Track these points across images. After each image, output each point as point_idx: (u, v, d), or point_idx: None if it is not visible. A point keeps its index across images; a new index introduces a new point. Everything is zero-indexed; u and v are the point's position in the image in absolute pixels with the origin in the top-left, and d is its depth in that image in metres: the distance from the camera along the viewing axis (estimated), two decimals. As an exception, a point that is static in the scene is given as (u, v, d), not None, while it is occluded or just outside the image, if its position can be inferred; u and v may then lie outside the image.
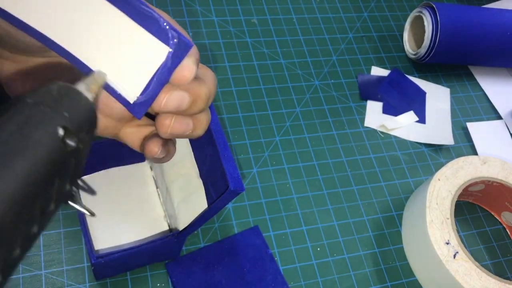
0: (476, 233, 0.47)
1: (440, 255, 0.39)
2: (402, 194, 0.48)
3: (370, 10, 0.61)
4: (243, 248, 0.41)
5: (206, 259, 0.40)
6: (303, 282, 0.41)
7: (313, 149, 0.48)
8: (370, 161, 0.49)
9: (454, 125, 0.54)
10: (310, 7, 0.58)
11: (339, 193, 0.46)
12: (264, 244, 0.41)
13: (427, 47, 0.54)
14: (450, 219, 0.41)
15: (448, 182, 0.43)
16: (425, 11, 0.54)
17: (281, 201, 0.44)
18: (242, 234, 0.41)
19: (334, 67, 0.54)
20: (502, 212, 0.48)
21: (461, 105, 0.56)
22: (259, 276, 0.40)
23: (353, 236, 0.44)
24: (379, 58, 0.57)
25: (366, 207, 0.46)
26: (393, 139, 0.51)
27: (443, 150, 0.52)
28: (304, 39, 0.55)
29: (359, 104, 0.52)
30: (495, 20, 0.54)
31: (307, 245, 0.43)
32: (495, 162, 0.45)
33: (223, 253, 0.40)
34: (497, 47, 0.54)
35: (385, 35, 0.59)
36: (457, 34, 0.53)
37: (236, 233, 0.41)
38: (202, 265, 0.39)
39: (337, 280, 0.42)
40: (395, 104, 0.53)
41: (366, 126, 0.51)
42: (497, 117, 0.56)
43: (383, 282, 0.42)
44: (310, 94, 0.52)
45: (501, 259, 0.46)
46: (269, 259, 0.41)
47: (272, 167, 0.46)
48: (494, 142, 0.53)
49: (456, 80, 0.58)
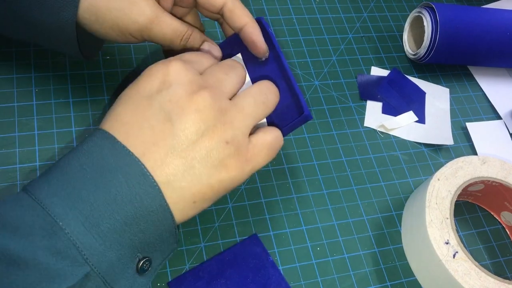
0: (476, 233, 0.47)
1: (439, 255, 0.40)
2: (402, 194, 0.48)
3: (370, 10, 0.61)
4: (244, 258, 0.41)
5: (208, 273, 0.39)
6: (303, 282, 0.41)
7: (313, 149, 0.48)
8: (369, 161, 0.49)
9: (453, 125, 0.54)
10: (310, 8, 0.58)
11: (339, 193, 0.46)
12: (265, 251, 0.41)
13: (427, 47, 0.54)
14: (450, 219, 0.41)
15: (447, 182, 0.43)
16: (424, 11, 0.54)
17: (281, 201, 0.44)
18: (242, 244, 0.41)
19: (334, 67, 0.54)
20: (502, 212, 0.48)
21: (461, 105, 0.56)
22: (263, 284, 0.40)
23: (353, 236, 0.44)
24: (379, 58, 0.57)
25: (366, 207, 0.46)
26: (393, 139, 0.51)
27: (443, 150, 0.52)
28: (304, 39, 0.56)
29: (358, 104, 0.53)
30: (495, 20, 0.54)
31: (307, 245, 0.43)
32: (495, 162, 0.46)
33: (225, 266, 0.40)
34: (496, 47, 0.54)
35: (385, 36, 0.59)
36: (456, 34, 0.53)
37: (236, 244, 0.41)
38: (205, 280, 0.39)
39: (337, 279, 0.42)
40: (394, 104, 0.53)
41: (365, 126, 0.51)
42: (496, 117, 0.56)
43: (383, 282, 0.43)
44: (310, 94, 0.52)
45: (501, 258, 0.46)
46: (271, 265, 0.41)
47: (272, 167, 0.46)
48: (494, 142, 0.54)
49: (456, 80, 0.58)
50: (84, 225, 0.28)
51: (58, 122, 0.43)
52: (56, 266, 0.26)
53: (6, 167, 0.40)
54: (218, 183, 0.32)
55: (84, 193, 0.28)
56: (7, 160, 0.41)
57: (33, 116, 0.43)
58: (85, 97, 0.45)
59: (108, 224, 0.28)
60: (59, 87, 0.45)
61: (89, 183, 0.29)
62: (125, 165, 0.29)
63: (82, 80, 0.46)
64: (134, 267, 0.30)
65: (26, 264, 0.26)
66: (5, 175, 0.40)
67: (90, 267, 0.27)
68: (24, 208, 0.28)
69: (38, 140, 0.42)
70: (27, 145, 0.42)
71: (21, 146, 0.41)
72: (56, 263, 0.26)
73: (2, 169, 0.40)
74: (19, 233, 0.27)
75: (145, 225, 0.29)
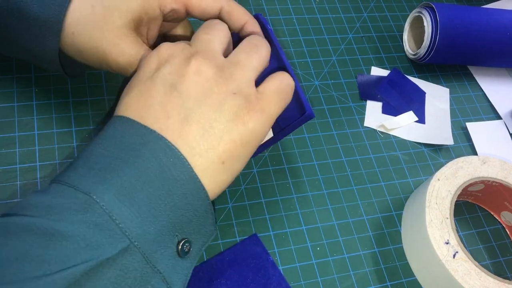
0: (476, 233, 0.47)
1: (439, 255, 0.40)
2: (402, 194, 0.48)
3: (370, 10, 0.61)
4: (244, 258, 0.41)
5: (208, 273, 0.39)
6: (303, 281, 0.41)
7: (313, 149, 0.48)
8: (369, 161, 0.49)
9: (453, 125, 0.54)
10: (310, 8, 0.58)
11: (339, 193, 0.46)
12: (265, 251, 0.41)
13: (427, 47, 0.54)
14: (450, 218, 0.41)
15: (447, 182, 0.43)
16: (424, 11, 0.54)
17: (281, 201, 0.44)
18: (242, 244, 0.41)
19: (334, 67, 0.54)
20: (502, 212, 0.48)
21: (461, 105, 0.56)
22: (263, 284, 0.39)
23: (353, 235, 0.44)
24: (379, 58, 0.57)
25: (366, 207, 0.46)
26: (393, 139, 0.51)
27: (443, 150, 0.52)
28: (304, 39, 0.56)
29: (358, 104, 0.53)
30: (495, 20, 0.54)
31: (307, 245, 0.43)
32: (495, 162, 0.46)
33: (225, 266, 0.40)
34: (496, 47, 0.54)
35: (385, 36, 0.59)
36: (456, 34, 0.53)
37: (236, 244, 0.41)
38: (205, 281, 0.39)
39: (337, 279, 0.42)
40: (394, 104, 0.53)
41: (365, 126, 0.51)
42: (496, 117, 0.56)
43: (383, 282, 0.43)
44: (310, 94, 0.52)
45: (501, 258, 0.46)
46: (271, 265, 0.41)
47: (272, 167, 0.46)
48: (494, 142, 0.54)
49: (456, 80, 0.58)
50: (117, 197, 0.27)
51: (58, 122, 0.43)
52: (94, 238, 0.26)
53: (6, 167, 0.40)
54: (239, 136, 0.32)
55: (113, 169, 0.28)
56: (7, 160, 0.41)
57: (33, 116, 0.43)
58: (85, 97, 0.45)
59: (143, 196, 0.28)
60: (59, 87, 0.45)
61: (115, 162, 0.29)
62: (148, 141, 0.29)
63: (82, 80, 0.46)
64: (174, 247, 0.29)
65: (62, 236, 0.25)
66: (5, 175, 0.40)
67: (129, 239, 0.27)
68: (52, 193, 0.28)
69: (38, 140, 0.42)
70: (27, 145, 0.42)
71: (21, 146, 0.41)
72: (94, 235, 0.26)
73: (2, 169, 0.40)
74: (54, 213, 0.26)
75: (178, 199, 0.29)
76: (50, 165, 0.41)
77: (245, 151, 0.32)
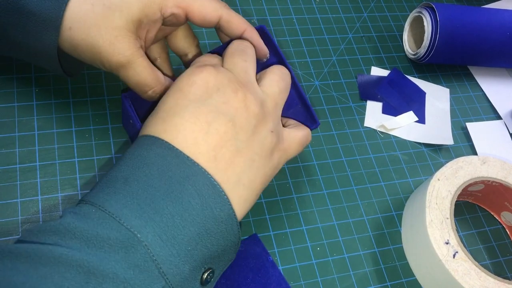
0: (476, 233, 0.47)
1: (439, 255, 0.40)
2: (402, 194, 0.48)
3: (370, 10, 0.61)
4: (244, 258, 0.41)
5: None
6: (303, 282, 0.41)
7: (313, 149, 0.48)
8: (370, 161, 0.49)
9: (453, 125, 0.54)
10: (310, 8, 0.58)
11: (339, 193, 0.46)
12: (265, 251, 0.41)
13: (427, 47, 0.54)
14: (450, 219, 0.41)
15: (447, 182, 0.43)
16: (424, 11, 0.54)
17: (281, 201, 0.44)
18: (242, 244, 0.41)
19: (334, 67, 0.54)
20: (502, 212, 0.48)
21: (461, 105, 0.56)
22: (263, 284, 0.39)
23: (353, 236, 0.44)
24: (379, 58, 0.57)
25: (366, 207, 0.46)
26: (393, 139, 0.51)
27: (443, 150, 0.52)
28: (304, 39, 0.56)
29: (358, 104, 0.53)
30: (495, 20, 0.54)
31: (307, 245, 0.43)
32: (495, 162, 0.46)
33: None
34: (496, 47, 0.54)
35: (385, 36, 0.59)
36: (456, 34, 0.53)
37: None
38: None
39: (337, 279, 0.42)
40: (394, 104, 0.53)
41: (365, 126, 0.51)
42: (496, 117, 0.56)
43: (383, 282, 0.43)
44: (310, 94, 0.52)
45: (501, 258, 0.46)
46: (271, 266, 0.41)
47: (272, 167, 0.46)
48: (494, 142, 0.54)
49: (456, 80, 0.58)
50: (161, 237, 0.27)
51: (58, 122, 0.43)
52: (133, 280, 0.26)
53: (6, 167, 0.40)
54: (270, 171, 0.34)
55: (158, 205, 0.28)
56: (7, 160, 0.41)
57: (33, 116, 0.43)
58: (85, 97, 0.45)
59: (183, 236, 0.28)
60: (59, 87, 0.45)
61: (159, 195, 0.29)
62: (192, 175, 0.30)
63: (82, 80, 0.46)
64: (199, 278, 0.30)
65: (103, 276, 0.25)
66: (5, 175, 0.40)
67: (165, 281, 0.27)
68: (95, 221, 0.27)
69: (38, 140, 0.42)
70: (27, 145, 0.42)
71: (21, 146, 0.41)
72: (133, 277, 0.26)
73: (2, 169, 0.40)
74: (94, 246, 0.26)
75: (215, 237, 0.30)
76: (50, 165, 0.41)
77: (267, 183, 0.35)
